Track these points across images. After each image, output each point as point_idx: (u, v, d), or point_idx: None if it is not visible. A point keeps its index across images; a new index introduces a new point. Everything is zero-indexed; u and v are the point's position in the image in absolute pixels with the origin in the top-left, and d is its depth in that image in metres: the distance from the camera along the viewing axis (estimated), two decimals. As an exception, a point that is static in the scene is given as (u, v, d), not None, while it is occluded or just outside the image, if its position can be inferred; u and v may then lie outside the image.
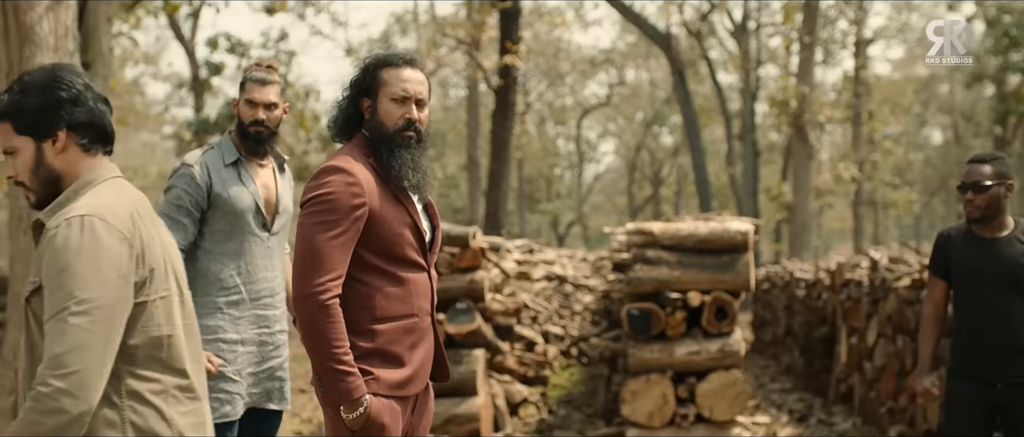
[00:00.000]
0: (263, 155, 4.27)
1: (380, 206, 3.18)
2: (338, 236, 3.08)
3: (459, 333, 7.57)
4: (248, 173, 4.20)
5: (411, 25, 34.64)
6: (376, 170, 3.22)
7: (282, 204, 4.27)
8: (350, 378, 3.08)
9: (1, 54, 6.28)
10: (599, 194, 53.81)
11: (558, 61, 38.54)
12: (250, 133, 4.20)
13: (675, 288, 7.52)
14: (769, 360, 14.47)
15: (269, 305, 4.19)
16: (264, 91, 4.20)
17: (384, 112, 3.27)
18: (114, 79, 22.29)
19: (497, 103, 16.67)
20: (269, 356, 4.19)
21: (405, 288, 3.23)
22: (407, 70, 3.30)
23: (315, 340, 3.07)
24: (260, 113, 4.19)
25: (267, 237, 4.20)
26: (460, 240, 7.67)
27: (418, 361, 3.27)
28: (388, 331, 3.20)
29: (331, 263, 3.07)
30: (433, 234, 3.40)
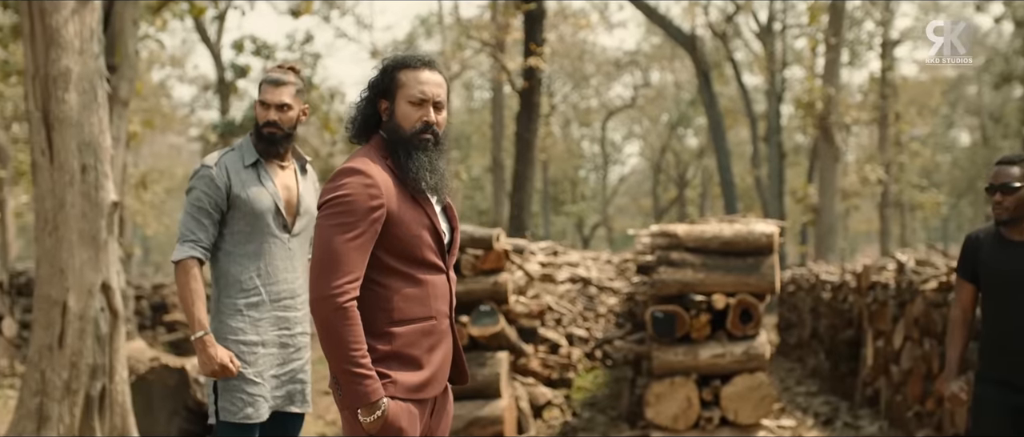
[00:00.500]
0: (281, 156, 4.25)
1: (398, 208, 3.16)
2: (356, 238, 3.07)
3: (483, 335, 7.56)
4: (268, 174, 4.19)
5: (436, 27, 34.67)
6: (394, 172, 3.21)
7: (304, 205, 4.25)
8: (368, 381, 3.07)
9: (27, 56, 6.32)
10: (624, 196, 53.69)
11: (583, 63, 38.48)
12: (263, 134, 4.21)
13: (699, 290, 7.49)
14: (795, 363, 14.39)
15: (290, 306, 4.18)
16: (276, 92, 4.20)
17: (402, 114, 3.25)
18: (140, 81, 22.42)
19: (521, 105, 16.67)
20: (291, 358, 4.18)
21: (423, 290, 3.22)
22: (425, 72, 3.27)
23: (332, 343, 3.06)
24: (272, 114, 4.19)
25: (288, 238, 4.19)
26: (484, 242, 7.65)
27: (436, 364, 3.26)
28: (406, 334, 3.18)
29: (349, 265, 3.06)
30: (452, 236, 3.38)
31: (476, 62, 32.65)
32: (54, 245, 6.28)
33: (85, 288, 6.30)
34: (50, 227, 6.28)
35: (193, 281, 4.03)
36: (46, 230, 6.30)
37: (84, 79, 6.30)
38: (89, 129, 6.32)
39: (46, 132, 6.26)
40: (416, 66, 3.27)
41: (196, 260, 4.07)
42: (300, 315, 4.22)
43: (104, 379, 6.43)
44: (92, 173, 6.32)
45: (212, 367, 4.00)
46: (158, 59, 33.86)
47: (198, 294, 4.04)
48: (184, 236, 4.09)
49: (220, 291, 4.14)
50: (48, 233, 6.29)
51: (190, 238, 4.09)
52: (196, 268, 4.06)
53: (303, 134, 27.48)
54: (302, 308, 4.24)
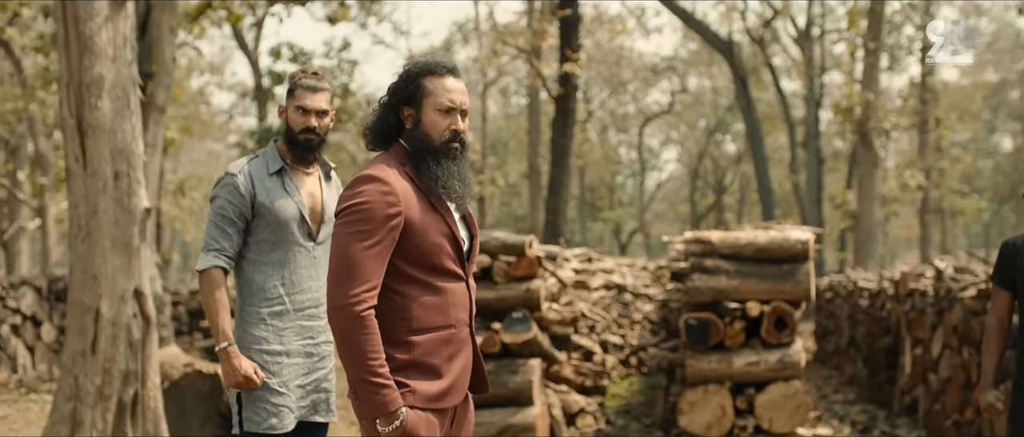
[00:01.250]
0: (310, 163, 4.21)
1: (416, 215, 3.13)
2: (373, 246, 3.04)
3: (515, 342, 7.52)
4: (293, 182, 4.14)
5: (472, 33, 34.69)
6: (412, 179, 3.17)
7: (328, 213, 4.20)
8: (386, 390, 3.03)
9: (62, 64, 6.35)
10: (661, 202, 53.51)
11: (620, 69, 38.40)
12: (300, 140, 4.14)
13: (734, 298, 7.42)
14: (832, 370, 14.26)
15: (314, 315, 4.14)
16: (316, 98, 4.14)
17: (429, 123, 3.21)
18: (178, 88, 22.57)
19: (557, 111, 16.63)
20: (315, 368, 4.14)
21: (442, 298, 3.17)
22: (450, 79, 3.24)
23: (350, 352, 3.03)
24: (312, 120, 4.12)
25: (312, 247, 4.15)
26: (516, 249, 7.61)
27: (456, 373, 3.21)
28: (425, 342, 3.14)
29: (366, 273, 3.03)
30: (471, 243, 3.34)
31: (513, 68, 32.66)
32: (87, 251, 6.30)
33: (118, 294, 6.33)
34: (83, 233, 6.31)
35: (217, 291, 4.00)
36: (79, 236, 6.33)
37: (117, 86, 6.32)
38: (122, 136, 6.34)
39: (80, 139, 6.29)
40: (442, 73, 3.24)
41: (221, 269, 4.03)
42: (324, 324, 4.17)
43: (136, 385, 6.45)
44: (125, 180, 6.34)
45: (236, 378, 3.97)
46: (197, 66, 34.09)
47: (222, 304, 4.00)
48: (208, 245, 4.06)
49: (244, 300, 4.11)
50: (81, 239, 6.32)
51: (214, 247, 4.05)
52: (221, 277, 4.03)
53: (339, 141, 27.59)
54: (325, 317, 4.17)
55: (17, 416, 10.04)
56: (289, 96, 4.18)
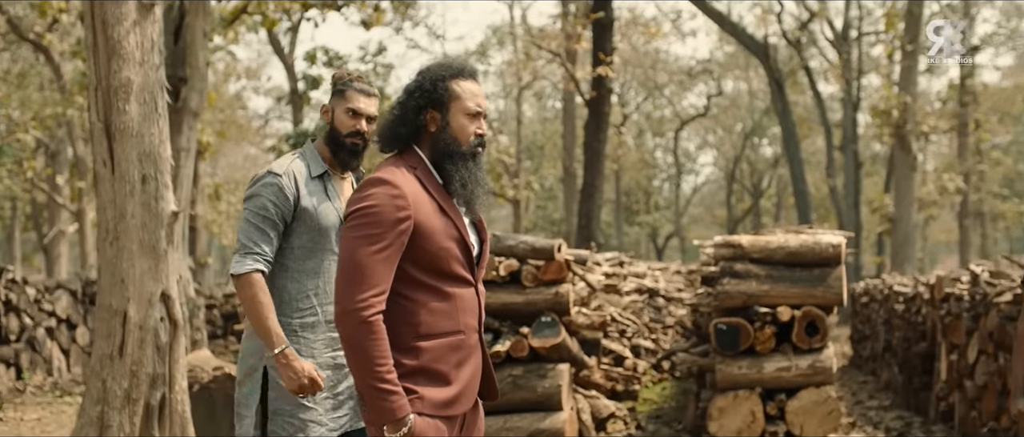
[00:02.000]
0: (353, 168, 4.10)
1: (426, 219, 3.08)
2: (382, 250, 3.00)
3: (543, 347, 7.47)
4: (334, 188, 4.03)
5: (508, 37, 34.68)
6: (423, 182, 3.13)
7: None
8: (393, 397, 2.99)
9: (91, 68, 6.37)
10: (698, 206, 53.28)
11: (656, 72, 38.27)
12: (346, 143, 4.00)
13: (764, 302, 7.34)
14: (868, 376, 14.11)
15: None
16: (369, 102, 4.01)
17: (458, 127, 3.17)
18: (213, 93, 22.71)
19: (590, 114, 16.59)
20: (345, 377, 4.01)
21: (451, 304, 3.13)
22: (474, 83, 3.21)
23: (357, 358, 2.99)
24: (362, 124, 3.98)
25: None
26: (545, 253, 7.56)
27: (465, 379, 3.17)
28: (433, 348, 3.10)
29: (374, 278, 2.99)
30: (481, 248, 3.29)
31: (548, 72, 32.62)
32: (115, 255, 6.32)
33: (145, 298, 6.34)
34: (111, 237, 6.33)
35: (261, 293, 3.80)
36: (107, 240, 6.35)
37: (145, 90, 6.34)
38: (149, 140, 6.35)
39: (108, 143, 6.31)
40: (468, 76, 3.21)
41: (260, 273, 3.85)
42: None
43: (164, 388, 6.46)
44: (152, 183, 6.35)
45: (299, 382, 3.77)
46: (234, 71, 34.29)
47: (268, 307, 3.80)
48: (246, 248, 3.86)
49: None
50: (109, 243, 6.34)
51: (254, 250, 3.85)
52: (262, 280, 3.84)
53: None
54: None
55: (51, 418, 10.11)
56: (339, 97, 4.03)
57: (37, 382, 11.94)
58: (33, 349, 12.17)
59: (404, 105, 3.20)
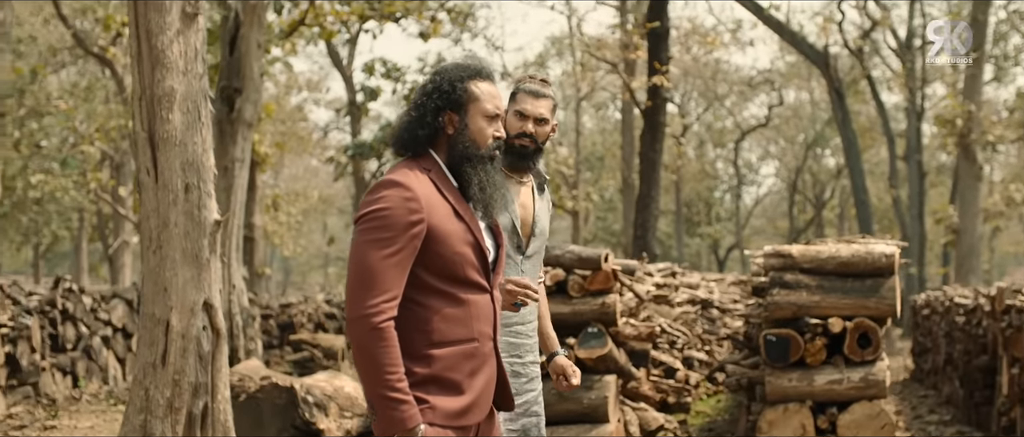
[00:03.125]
0: (525, 172, 4.00)
1: (440, 223, 3.00)
2: (394, 255, 2.91)
3: (589, 358, 7.38)
4: (508, 192, 3.91)
5: (567, 48, 34.59)
6: (437, 185, 3.05)
7: (539, 226, 4.00)
8: (404, 406, 2.89)
9: (134, 78, 6.41)
10: (760, 218, 52.76)
11: (716, 83, 37.99)
12: (515, 146, 3.91)
13: (815, 313, 7.19)
14: (929, 390, 13.82)
15: (520, 332, 3.91)
16: (537, 103, 3.94)
17: (477, 129, 3.11)
18: (272, 105, 22.91)
19: (646, 124, 16.45)
20: (524, 389, 3.89)
21: (465, 311, 3.04)
22: (491, 84, 3.16)
23: (367, 365, 2.90)
24: (529, 126, 3.92)
25: (520, 260, 3.93)
26: (592, 262, 7.48)
27: (478, 389, 3.07)
28: (446, 356, 3.00)
29: (385, 283, 2.90)
30: (497, 254, 3.21)
31: (607, 82, 32.51)
32: (158, 264, 6.34)
33: (187, 306, 6.35)
34: (154, 246, 6.35)
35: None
36: (151, 249, 6.37)
37: (188, 99, 6.36)
38: (192, 149, 6.37)
39: (151, 152, 6.33)
40: (486, 77, 3.15)
41: None
42: (531, 343, 3.96)
43: (206, 397, 6.46)
44: (195, 192, 6.37)
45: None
46: (295, 84, 34.57)
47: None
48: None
49: None
50: (152, 252, 6.36)
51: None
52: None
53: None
54: (533, 335, 3.98)
55: (104, 426, 10.19)
56: (510, 100, 3.98)
57: (93, 390, 12.06)
58: (89, 358, 12.30)
59: (421, 107, 3.13)
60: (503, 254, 3.23)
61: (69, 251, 41.55)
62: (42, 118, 25.51)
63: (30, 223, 32.27)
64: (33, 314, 11.00)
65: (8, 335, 10.42)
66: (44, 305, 11.46)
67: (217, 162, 13.11)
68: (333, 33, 20.73)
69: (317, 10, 18.55)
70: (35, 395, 10.93)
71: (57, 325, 11.63)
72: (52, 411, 10.68)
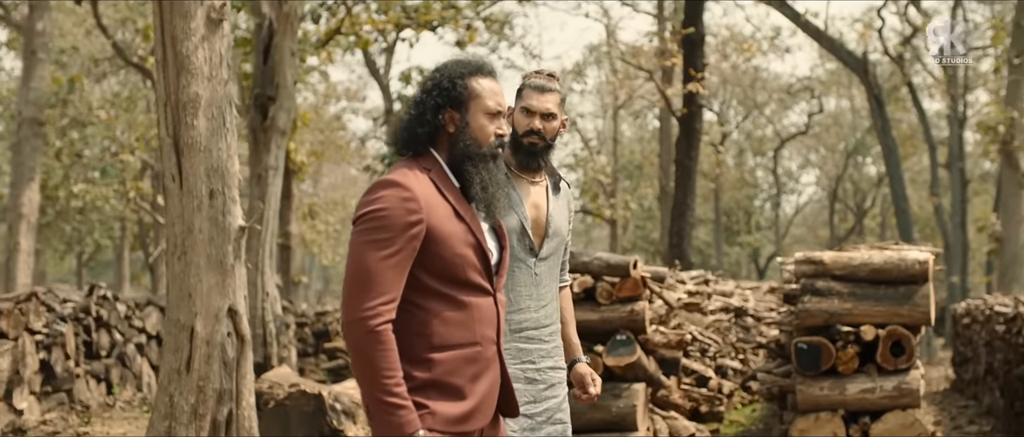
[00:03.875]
0: (536, 171, 3.89)
1: (440, 224, 2.93)
2: (391, 256, 2.85)
3: (618, 366, 7.31)
4: (517, 192, 3.81)
5: (605, 56, 34.50)
6: (437, 185, 2.99)
7: (553, 226, 3.86)
8: (402, 412, 2.82)
9: (159, 83, 6.41)
10: (800, 226, 52.35)
11: (754, 91, 37.74)
12: (523, 144, 3.82)
13: (847, 321, 7.09)
14: (969, 400, 13.60)
15: (534, 338, 3.78)
16: (543, 98, 3.83)
17: (478, 127, 3.04)
18: (308, 113, 22.99)
19: (682, 131, 16.36)
20: (543, 396, 3.78)
21: (467, 314, 2.96)
22: (493, 81, 3.09)
23: (364, 369, 2.83)
24: (536, 122, 3.80)
25: (534, 262, 3.79)
26: (620, 269, 7.41)
27: (481, 394, 2.99)
28: (447, 360, 2.93)
29: (383, 285, 2.83)
30: (501, 256, 3.13)
31: (646, 91, 32.39)
32: (182, 270, 6.33)
33: (212, 313, 6.33)
34: (179, 252, 6.34)
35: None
36: (175, 255, 6.37)
37: (213, 105, 6.35)
38: (217, 154, 6.36)
39: (176, 157, 6.33)
40: (487, 74, 3.08)
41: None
42: (548, 348, 3.82)
43: (231, 404, 6.44)
44: (220, 198, 6.35)
45: None
46: (333, 93, 34.69)
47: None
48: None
49: None
50: (177, 257, 6.35)
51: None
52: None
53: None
54: (551, 340, 3.84)
55: (136, 433, 10.23)
56: (517, 97, 3.90)
57: (126, 397, 12.11)
58: (123, 365, 12.36)
59: (421, 104, 3.07)
60: (507, 256, 3.15)
61: (111, 260, 41.90)
62: (84, 128, 25.76)
63: (73, 232, 32.57)
64: (67, 321, 11.06)
65: (43, 342, 10.48)
66: (78, 312, 11.52)
67: (251, 170, 13.28)
68: (369, 42, 20.77)
69: (354, 19, 18.58)
70: (69, 401, 10.99)
71: (91, 332, 11.69)
72: (85, 417, 10.74)
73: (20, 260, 15.81)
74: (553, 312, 3.86)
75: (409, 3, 19.87)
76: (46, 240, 33.33)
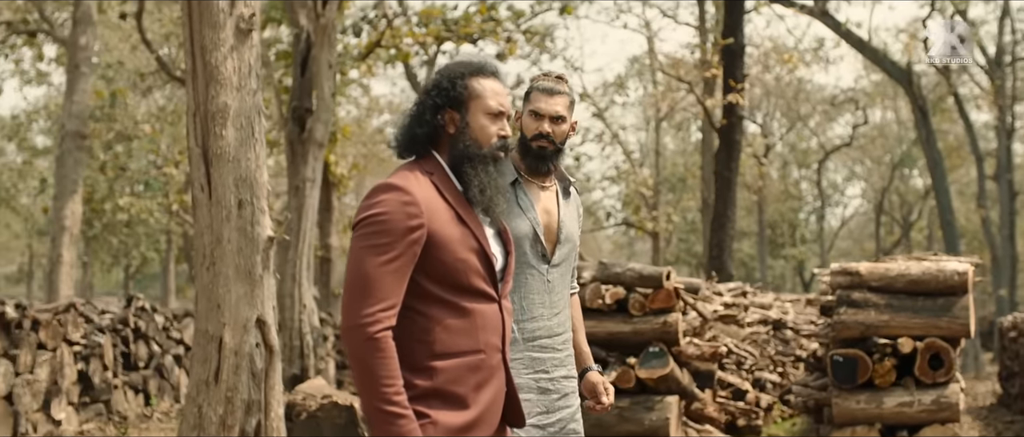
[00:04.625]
0: (546, 175, 3.78)
1: (441, 228, 2.85)
2: (391, 261, 2.77)
3: (650, 378, 7.23)
4: (527, 197, 3.71)
5: (647, 68, 34.38)
6: (439, 189, 2.91)
7: (565, 232, 3.76)
8: (401, 421, 2.73)
9: (190, 94, 6.42)
10: (846, 239, 51.83)
11: (798, 103, 37.46)
12: (532, 148, 3.70)
13: (884, 333, 6.97)
14: (1016, 415, 13.34)
15: (547, 347, 3.67)
16: (551, 101, 3.71)
17: (478, 128, 2.96)
18: (347, 126, 23.06)
19: (721, 143, 16.21)
20: (556, 406, 3.67)
21: (470, 321, 2.88)
22: (495, 81, 3.01)
23: (363, 377, 2.76)
24: (545, 126, 3.68)
25: (546, 269, 3.69)
26: (653, 280, 7.34)
27: (484, 403, 2.90)
28: (449, 368, 2.84)
29: (382, 291, 2.76)
30: (506, 261, 3.05)
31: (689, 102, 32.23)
32: (211, 280, 6.32)
33: (240, 323, 6.32)
34: (208, 262, 6.34)
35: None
36: (204, 265, 6.36)
37: (241, 115, 6.35)
38: (246, 164, 6.35)
39: (205, 168, 6.34)
40: (489, 73, 3.00)
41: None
42: (561, 357, 3.71)
43: (259, 415, 6.42)
44: (248, 208, 6.35)
45: None
46: (376, 106, 34.82)
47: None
48: None
49: None
50: (206, 268, 6.35)
51: None
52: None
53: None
54: (564, 349, 3.74)
55: (171, 445, 10.25)
56: (525, 100, 3.79)
57: (164, 408, 12.16)
58: (161, 376, 12.40)
59: (420, 105, 3.00)
60: (512, 261, 3.07)
61: (158, 272, 42.27)
62: (130, 142, 26.00)
63: (120, 245, 32.88)
64: (106, 332, 11.12)
65: (81, 353, 10.54)
66: (116, 323, 11.58)
67: (288, 182, 13.30)
68: (409, 55, 20.81)
69: (395, 32, 18.63)
70: (107, 412, 11.04)
71: (129, 343, 11.74)
72: (123, 428, 10.78)
73: (63, 272, 15.94)
74: (566, 320, 3.77)
75: (450, 16, 19.89)
76: (94, 253, 33.69)
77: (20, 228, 38.01)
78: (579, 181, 30.10)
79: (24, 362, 9.51)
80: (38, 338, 9.79)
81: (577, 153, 31.18)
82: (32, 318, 9.76)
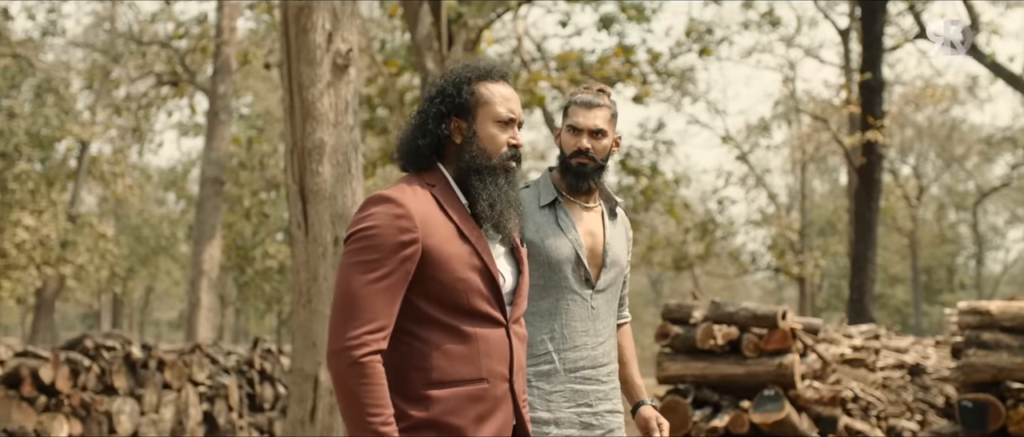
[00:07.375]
0: (588, 193, 3.55)
1: (439, 244, 2.63)
2: (380, 279, 2.56)
3: (765, 423, 6.89)
4: (568, 217, 3.49)
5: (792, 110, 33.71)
6: (439, 202, 2.69)
7: (610, 255, 3.52)
8: None
9: (287, 130, 6.43)
10: (1009, 284, 49.69)
11: (953, 143, 36.18)
12: (571, 166, 3.49)
13: (1018, 377, 6.50)
14: None
15: (590, 378, 3.42)
16: (590, 115, 3.48)
17: (486, 136, 2.74)
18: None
19: (861, 182, 15.71)
20: None
21: (471, 346, 2.63)
22: (505, 86, 2.79)
23: (348, 405, 2.53)
24: (584, 141, 3.46)
25: (590, 295, 3.46)
26: (768, 320, 7.02)
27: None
28: (447, 398, 2.60)
29: (370, 312, 2.54)
30: (517, 282, 2.79)
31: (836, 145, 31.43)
32: (307, 318, 6.28)
33: (336, 361, 6.24)
34: (304, 300, 6.30)
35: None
36: (301, 302, 6.33)
37: (338, 151, 6.32)
38: (342, 201, 6.31)
39: (302, 205, 6.32)
40: (496, 78, 2.78)
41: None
42: (606, 389, 3.46)
43: (355, 455, 6.32)
44: (344, 245, 6.29)
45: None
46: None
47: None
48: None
49: None
50: (302, 306, 6.31)
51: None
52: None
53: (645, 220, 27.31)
54: (608, 381, 3.48)
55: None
56: (563, 116, 3.57)
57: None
58: (285, 417, 12.48)
59: (423, 114, 2.78)
60: (524, 282, 2.82)
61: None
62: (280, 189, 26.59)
63: (272, 291, 33.62)
64: (231, 373, 11.24)
65: (206, 394, 10.66)
66: (242, 365, 11.71)
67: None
68: (543, 98, 20.79)
69: (532, 75, 18.66)
70: (232, 453, 11.14)
71: (255, 385, 11.85)
72: (247, 469, 10.86)
73: (201, 315, 16.27)
74: (611, 350, 3.52)
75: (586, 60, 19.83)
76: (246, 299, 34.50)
77: (180, 275, 39.25)
78: (723, 226, 29.58)
79: (149, 402, 9.67)
80: (164, 378, 9.94)
81: (720, 197, 30.71)
82: (158, 358, 9.92)
